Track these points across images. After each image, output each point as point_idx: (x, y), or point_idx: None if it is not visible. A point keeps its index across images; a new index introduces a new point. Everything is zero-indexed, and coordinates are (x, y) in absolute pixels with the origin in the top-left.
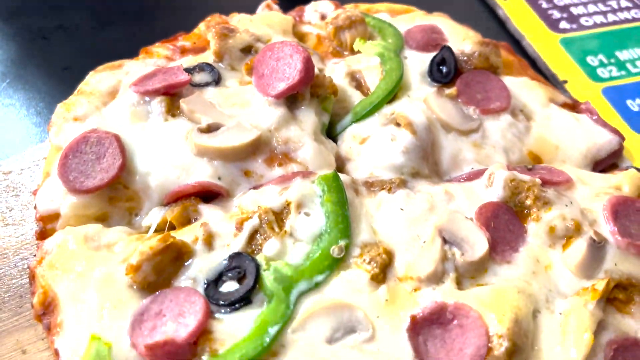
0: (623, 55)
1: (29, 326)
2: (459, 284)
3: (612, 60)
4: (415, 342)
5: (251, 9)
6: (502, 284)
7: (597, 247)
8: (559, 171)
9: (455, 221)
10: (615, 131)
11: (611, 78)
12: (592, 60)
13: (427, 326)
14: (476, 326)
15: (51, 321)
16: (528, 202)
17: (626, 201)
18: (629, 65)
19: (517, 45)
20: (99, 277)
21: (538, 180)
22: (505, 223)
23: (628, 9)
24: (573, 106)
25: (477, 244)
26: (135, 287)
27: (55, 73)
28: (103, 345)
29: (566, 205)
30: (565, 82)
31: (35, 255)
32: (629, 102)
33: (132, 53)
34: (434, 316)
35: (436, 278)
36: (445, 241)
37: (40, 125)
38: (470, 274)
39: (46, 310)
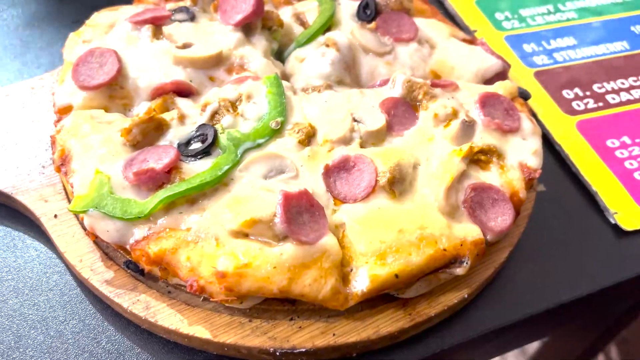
0: (525, 12)
1: (49, 184)
2: (362, 147)
3: (515, 16)
4: (327, 182)
5: None
6: (393, 147)
7: (468, 125)
8: (449, 80)
9: (363, 107)
10: (500, 58)
11: (513, 28)
12: (499, 15)
13: (336, 171)
14: (369, 168)
15: (67, 168)
16: (420, 97)
17: (493, 95)
18: (528, 20)
19: (441, 5)
20: (100, 138)
21: (428, 82)
22: (402, 112)
23: None
24: (471, 41)
25: (377, 121)
26: (127, 145)
27: (67, 25)
28: (104, 176)
29: (448, 99)
30: (475, 31)
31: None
32: (524, 45)
33: None
34: (341, 164)
35: (345, 141)
36: (354, 120)
37: (57, 59)
38: (372, 140)
39: (63, 162)
